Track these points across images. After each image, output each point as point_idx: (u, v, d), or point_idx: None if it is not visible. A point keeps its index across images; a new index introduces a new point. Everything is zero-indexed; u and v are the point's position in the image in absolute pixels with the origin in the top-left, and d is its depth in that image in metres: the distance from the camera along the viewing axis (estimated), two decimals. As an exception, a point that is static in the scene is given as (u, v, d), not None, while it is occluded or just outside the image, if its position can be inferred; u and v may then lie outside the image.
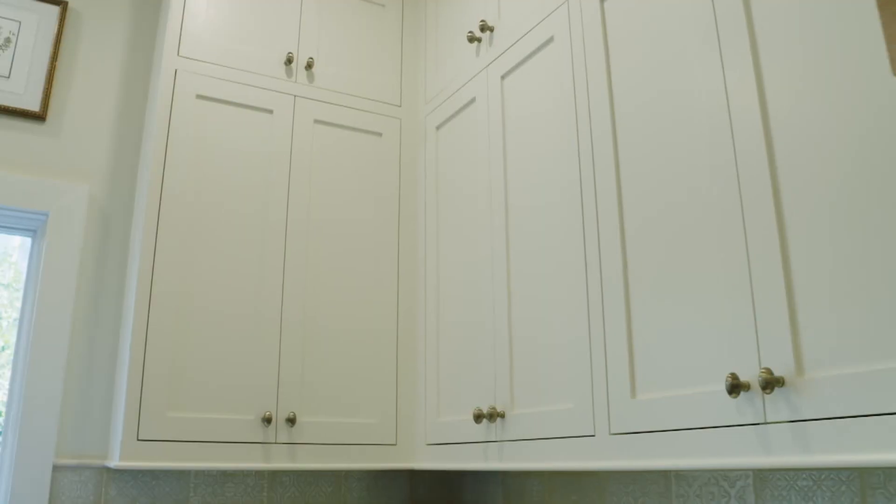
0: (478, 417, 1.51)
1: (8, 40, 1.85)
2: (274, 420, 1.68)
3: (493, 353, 1.56)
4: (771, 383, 0.97)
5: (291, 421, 1.67)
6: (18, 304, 1.92)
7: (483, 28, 1.74)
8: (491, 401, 1.54)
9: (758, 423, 0.99)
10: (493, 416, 1.50)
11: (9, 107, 1.82)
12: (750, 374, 1.02)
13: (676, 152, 1.19)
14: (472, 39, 1.76)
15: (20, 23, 1.87)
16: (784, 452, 0.96)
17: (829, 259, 0.94)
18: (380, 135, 1.97)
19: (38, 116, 1.85)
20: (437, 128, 1.92)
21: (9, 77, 1.83)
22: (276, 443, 1.67)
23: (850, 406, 0.88)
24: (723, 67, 1.12)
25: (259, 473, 1.90)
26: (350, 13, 2.03)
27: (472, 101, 1.78)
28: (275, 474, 1.91)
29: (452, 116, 1.86)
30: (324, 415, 1.73)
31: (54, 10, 1.92)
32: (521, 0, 1.65)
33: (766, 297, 1.00)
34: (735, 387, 1.01)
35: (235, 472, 1.87)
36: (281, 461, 1.66)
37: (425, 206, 1.92)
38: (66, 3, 1.94)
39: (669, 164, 1.20)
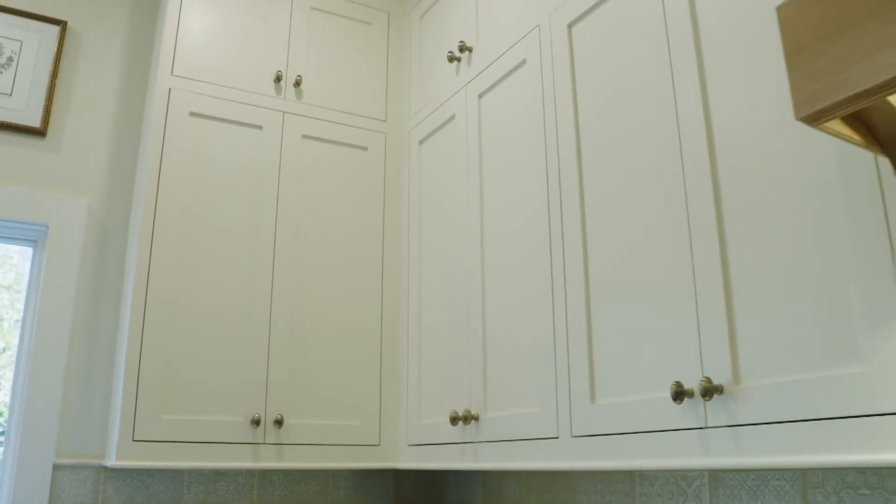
0: (454, 420, 1.60)
1: (10, 59, 1.94)
2: (262, 422, 1.76)
3: (468, 360, 1.64)
4: (710, 391, 1.06)
5: (279, 423, 1.76)
6: (19, 306, 2.01)
7: (462, 49, 1.82)
8: (466, 404, 1.63)
9: (700, 428, 1.08)
10: (468, 418, 1.59)
11: (11, 123, 1.91)
12: (693, 383, 1.10)
13: (632, 177, 1.28)
14: (451, 59, 1.85)
15: (22, 42, 1.96)
16: (722, 455, 1.04)
17: (763, 282, 1.03)
18: (365, 149, 2.06)
19: (39, 132, 1.94)
20: (420, 142, 2.01)
21: (11, 95, 1.93)
22: (264, 443, 1.76)
23: (779, 412, 0.97)
24: (675, 96, 1.21)
25: (250, 472, 1.99)
26: (337, 31, 2.12)
27: (452, 117, 1.86)
28: (265, 473, 2.00)
29: (434, 132, 1.95)
30: (310, 417, 1.82)
31: (54, 29, 2.02)
32: (497, 23, 1.74)
33: (708, 314, 1.09)
34: (679, 394, 1.09)
35: (227, 471, 1.96)
36: (269, 461, 1.75)
37: (408, 217, 2.01)
38: (66, 24, 2.03)
39: (626, 189, 1.29)
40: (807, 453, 0.94)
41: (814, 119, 0.76)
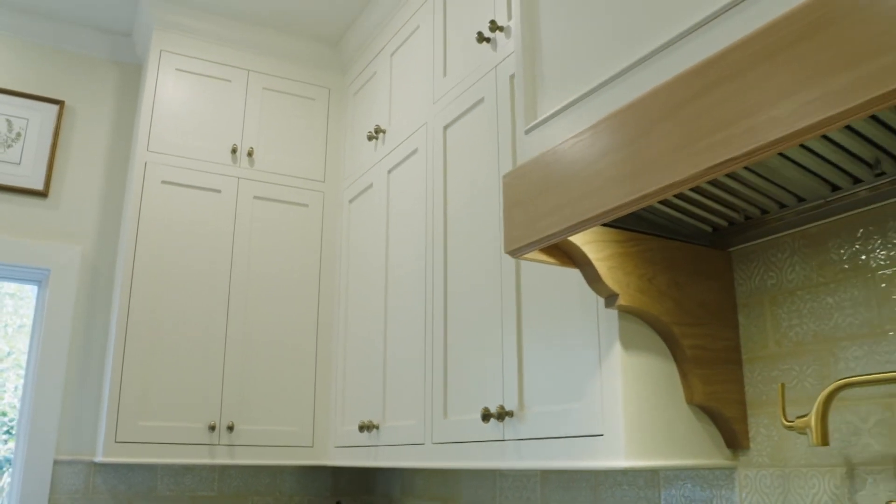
0: (361, 428, 2.06)
1: (19, 134, 2.41)
2: (217, 427, 2.23)
3: (374, 382, 2.11)
4: (503, 415, 1.51)
5: (231, 428, 2.22)
6: (23, 311, 2.48)
7: (377, 131, 2.28)
8: (370, 416, 2.09)
9: (500, 440, 1.54)
10: (371, 427, 2.05)
11: (19, 187, 2.38)
12: (495, 408, 1.56)
13: (474, 260, 1.73)
14: (370, 138, 2.30)
15: (28, 120, 2.43)
16: (512, 459, 1.50)
17: (539, 348, 1.48)
18: (306, 205, 2.52)
19: (42, 193, 2.41)
20: (350, 201, 2.47)
21: (19, 164, 2.40)
22: (219, 444, 2.22)
23: (542, 431, 1.42)
24: (500, 199, 1.65)
25: (211, 467, 2.46)
26: (285, 107, 2.57)
27: (371, 186, 2.32)
28: (224, 468, 2.47)
29: (359, 195, 2.40)
30: (256, 423, 2.29)
31: (54, 108, 2.48)
32: (402, 113, 2.19)
33: (509, 363, 1.54)
34: (486, 416, 1.55)
35: (192, 466, 2.43)
36: (222, 458, 2.21)
37: (340, 262, 2.47)
38: (64, 103, 2.50)
39: (472, 270, 1.74)
40: (554, 460, 1.39)
41: (513, 254, 1.21)
